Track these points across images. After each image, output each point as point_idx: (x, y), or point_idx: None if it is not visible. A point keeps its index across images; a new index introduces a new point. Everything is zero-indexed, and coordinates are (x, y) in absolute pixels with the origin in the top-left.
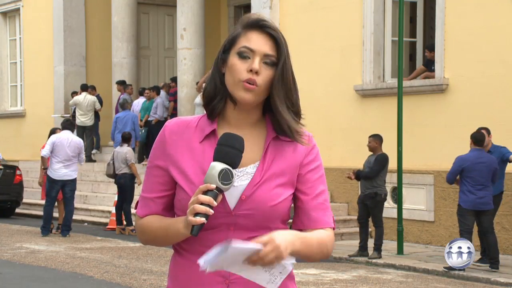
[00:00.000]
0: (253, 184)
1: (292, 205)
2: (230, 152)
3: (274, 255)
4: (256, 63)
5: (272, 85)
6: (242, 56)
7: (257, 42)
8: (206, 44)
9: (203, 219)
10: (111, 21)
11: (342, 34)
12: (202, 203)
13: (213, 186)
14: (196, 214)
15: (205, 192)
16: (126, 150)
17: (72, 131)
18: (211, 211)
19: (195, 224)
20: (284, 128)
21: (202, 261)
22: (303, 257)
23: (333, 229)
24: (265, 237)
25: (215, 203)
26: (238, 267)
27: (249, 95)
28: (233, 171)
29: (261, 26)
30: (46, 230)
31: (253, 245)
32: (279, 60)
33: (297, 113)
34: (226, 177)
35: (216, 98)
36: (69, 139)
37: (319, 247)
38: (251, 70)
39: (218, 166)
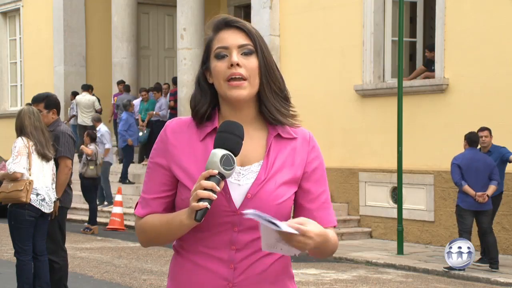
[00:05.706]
0: (258, 183)
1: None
2: (230, 138)
3: (302, 244)
4: (234, 56)
5: (259, 73)
6: (219, 57)
7: (229, 38)
8: None
9: (206, 203)
10: (111, 21)
11: (342, 34)
12: (205, 189)
13: (216, 171)
14: (199, 200)
15: (208, 179)
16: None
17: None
18: (215, 196)
19: (198, 209)
20: (274, 114)
21: (252, 211)
22: (316, 253)
23: (335, 227)
24: (303, 226)
25: (218, 188)
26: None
27: (240, 91)
28: (238, 168)
29: (227, 23)
30: None
31: (291, 229)
32: (256, 47)
33: (285, 98)
34: (227, 163)
35: (199, 103)
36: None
37: (332, 245)
38: (231, 65)
39: (219, 152)
